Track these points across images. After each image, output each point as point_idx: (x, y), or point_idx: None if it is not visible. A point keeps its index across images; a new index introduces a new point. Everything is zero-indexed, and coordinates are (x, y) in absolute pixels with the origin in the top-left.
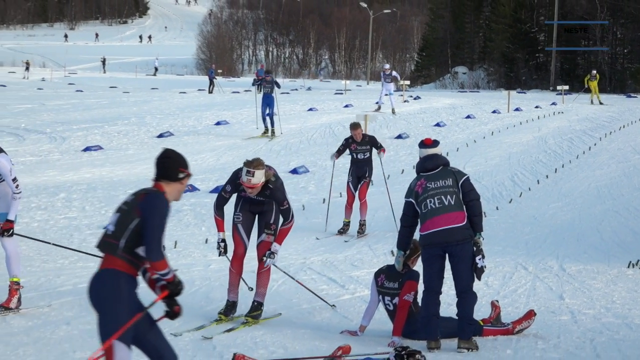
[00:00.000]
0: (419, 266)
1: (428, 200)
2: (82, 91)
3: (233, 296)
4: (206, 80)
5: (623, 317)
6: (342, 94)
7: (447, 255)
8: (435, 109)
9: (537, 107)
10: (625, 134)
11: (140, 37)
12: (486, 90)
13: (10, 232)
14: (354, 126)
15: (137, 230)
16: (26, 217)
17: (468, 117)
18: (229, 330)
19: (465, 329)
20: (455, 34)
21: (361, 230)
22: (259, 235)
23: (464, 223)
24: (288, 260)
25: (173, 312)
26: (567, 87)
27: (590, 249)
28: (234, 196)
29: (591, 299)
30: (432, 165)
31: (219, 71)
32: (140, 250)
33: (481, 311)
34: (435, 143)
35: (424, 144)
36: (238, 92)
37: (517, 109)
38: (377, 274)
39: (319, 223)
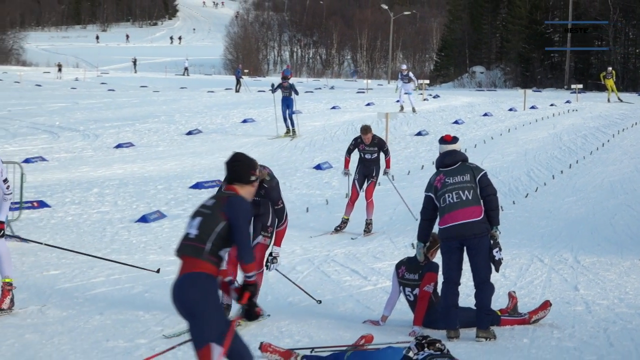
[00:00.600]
0: (438, 258)
1: (447, 195)
2: (114, 90)
3: (227, 299)
4: (233, 79)
5: (636, 307)
6: (364, 92)
7: (465, 247)
8: (454, 107)
9: (552, 105)
10: (638, 131)
11: (171, 38)
12: (503, 89)
13: (2, 232)
14: (364, 131)
15: (223, 234)
16: (60, 212)
17: (485, 114)
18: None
19: (484, 318)
20: (473, 34)
21: (368, 229)
22: (254, 238)
23: (481, 217)
24: (313, 253)
25: (254, 314)
26: (580, 86)
27: (604, 242)
28: None
29: (605, 290)
30: (451, 161)
31: (246, 71)
32: (223, 253)
33: (499, 302)
34: (454, 139)
35: (444, 140)
36: (264, 91)
37: (532, 107)
38: (398, 266)
39: (342, 216)
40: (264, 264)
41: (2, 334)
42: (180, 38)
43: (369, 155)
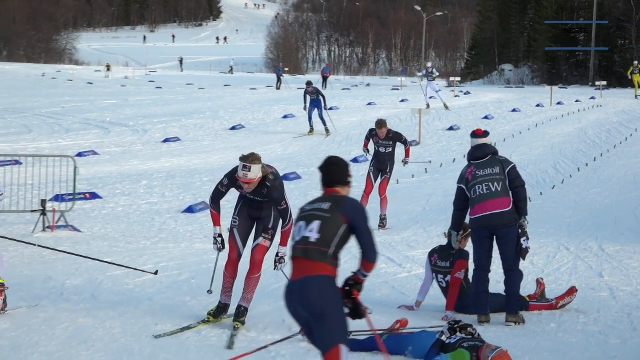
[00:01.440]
0: (469, 247)
1: (477, 187)
2: (161, 88)
3: (226, 298)
4: (274, 77)
5: None
6: (398, 89)
7: (494, 237)
8: (484, 103)
9: (577, 101)
10: None
11: (217, 38)
12: (530, 86)
13: None
14: (379, 125)
15: (343, 236)
16: (111, 203)
17: (514, 110)
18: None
19: (513, 304)
20: (502, 34)
21: (382, 225)
22: (255, 239)
23: (510, 208)
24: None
25: (361, 312)
26: (605, 83)
27: (628, 231)
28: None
29: (628, 277)
30: (481, 154)
31: (286, 69)
32: (341, 255)
33: (527, 288)
34: (485, 134)
35: (475, 134)
36: (303, 88)
37: (559, 103)
38: (431, 254)
39: (378, 208)
40: (274, 265)
41: (57, 318)
42: (225, 38)
43: (383, 148)
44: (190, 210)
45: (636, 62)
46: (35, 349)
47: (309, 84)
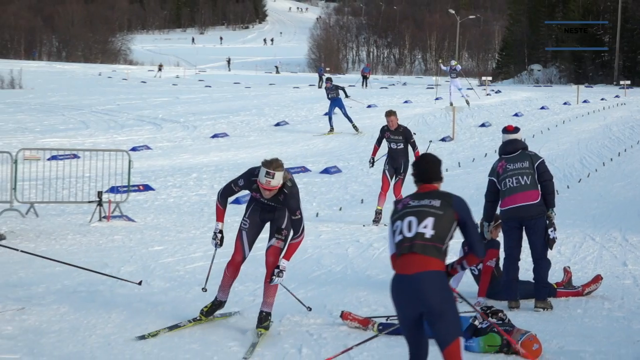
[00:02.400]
0: (500, 237)
1: (507, 180)
2: (210, 87)
3: (223, 295)
4: (316, 76)
5: None
6: (433, 88)
7: (523, 227)
8: (514, 101)
9: (602, 99)
10: None
11: (265, 40)
12: (558, 85)
13: None
14: (388, 113)
15: (453, 233)
16: (163, 194)
17: (542, 108)
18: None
19: (541, 291)
20: (531, 36)
21: None
22: (268, 240)
23: (538, 200)
24: (385, 231)
25: None
26: (628, 82)
27: None
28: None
29: None
30: (512, 148)
31: (327, 69)
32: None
33: (555, 276)
34: (516, 129)
35: (507, 130)
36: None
37: (585, 101)
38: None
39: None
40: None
41: (114, 302)
42: (272, 40)
43: (394, 144)
44: (237, 201)
45: None
46: (93, 331)
47: (328, 80)
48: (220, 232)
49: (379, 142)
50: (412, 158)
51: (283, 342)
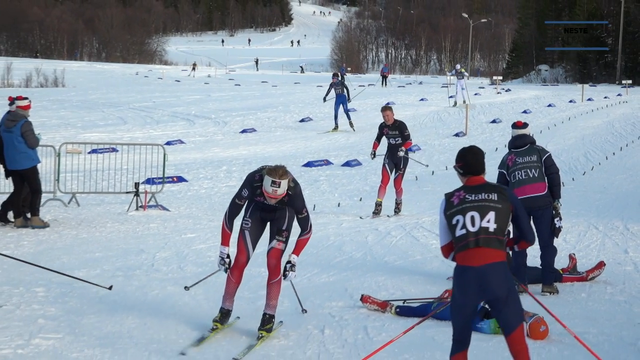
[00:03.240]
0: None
1: (516, 172)
2: (239, 85)
3: (229, 305)
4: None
5: None
6: (447, 87)
7: (531, 217)
8: (523, 99)
9: (605, 97)
10: None
11: (292, 41)
12: (564, 84)
13: None
14: (384, 108)
15: (509, 223)
16: (195, 185)
17: (549, 105)
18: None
19: (548, 276)
20: (539, 38)
21: (398, 209)
22: (269, 242)
23: (545, 192)
24: (404, 220)
25: None
26: (630, 82)
27: None
28: None
29: None
30: (521, 143)
31: (348, 69)
32: None
33: (560, 262)
34: (524, 125)
35: (516, 125)
36: (363, 86)
37: (589, 99)
38: None
39: (429, 191)
40: (281, 272)
41: (149, 285)
42: (299, 42)
43: (392, 139)
44: None
45: None
46: (130, 312)
47: (335, 75)
48: (228, 256)
49: (378, 139)
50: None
51: (307, 323)
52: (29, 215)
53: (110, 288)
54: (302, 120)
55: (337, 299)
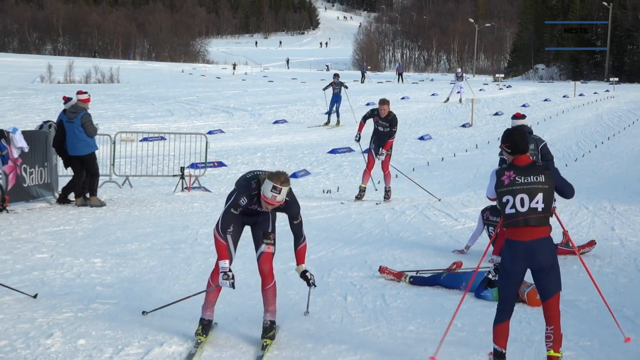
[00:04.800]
0: None
1: None
2: (272, 82)
3: (210, 314)
4: (359, 74)
5: None
6: (454, 83)
7: None
8: (522, 94)
9: (595, 93)
10: None
11: (320, 43)
12: (558, 81)
13: None
14: (382, 102)
15: None
16: (234, 170)
17: (545, 100)
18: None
19: None
20: (537, 40)
21: (387, 196)
22: (257, 248)
23: None
24: (417, 201)
25: None
26: (617, 79)
27: (634, 194)
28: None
29: (634, 230)
30: None
31: (368, 67)
32: None
33: (555, 238)
34: (523, 116)
35: (516, 117)
36: (382, 82)
37: (580, 95)
38: (484, 211)
39: (439, 175)
40: (307, 284)
41: (193, 257)
42: (327, 43)
43: (381, 127)
44: (294, 175)
45: None
46: (176, 281)
47: (336, 75)
48: (230, 270)
49: (365, 119)
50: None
51: (331, 291)
52: (87, 195)
53: (35, 297)
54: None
55: (357, 269)
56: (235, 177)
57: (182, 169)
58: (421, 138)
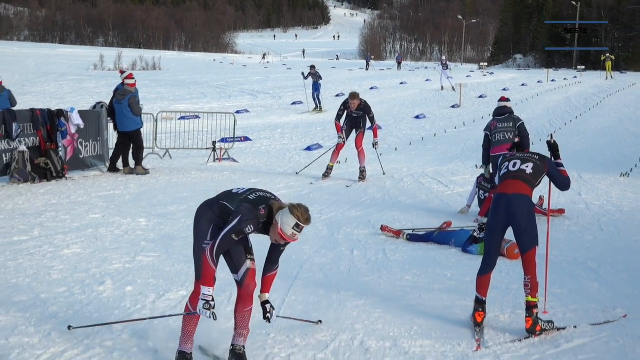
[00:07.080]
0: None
1: (497, 134)
2: (290, 69)
3: (190, 347)
4: (364, 62)
5: (618, 206)
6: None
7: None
8: (503, 80)
9: (565, 79)
10: (620, 96)
11: (334, 36)
12: (534, 69)
13: None
14: (352, 97)
15: (542, 180)
16: (258, 144)
17: (523, 85)
18: None
19: None
20: (515, 34)
21: (362, 177)
22: (240, 263)
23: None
24: (413, 170)
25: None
26: (583, 67)
27: (598, 165)
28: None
29: (598, 195)
30: (502, 112)
31: (372, 57)
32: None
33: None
34: (507, 99)
35: (501, 99)
36: (383, 70)
37: (552, 80)
38: (479, 177)
39: (432, 148)
40: (263, 316)
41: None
42: (339, 36)
43: (355, 114)
44: (308, 149)
45: (607, 54)
46: None
47: (312, 67)
48: (213, 299)
49: (339, 119)
50: (369, 124)
51: (340, 246)
52: (134, 165)
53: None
54: (337, 95)
55: (362, 228)
56: (259, 149)
57: (214, 143)
58: (417, 117)
